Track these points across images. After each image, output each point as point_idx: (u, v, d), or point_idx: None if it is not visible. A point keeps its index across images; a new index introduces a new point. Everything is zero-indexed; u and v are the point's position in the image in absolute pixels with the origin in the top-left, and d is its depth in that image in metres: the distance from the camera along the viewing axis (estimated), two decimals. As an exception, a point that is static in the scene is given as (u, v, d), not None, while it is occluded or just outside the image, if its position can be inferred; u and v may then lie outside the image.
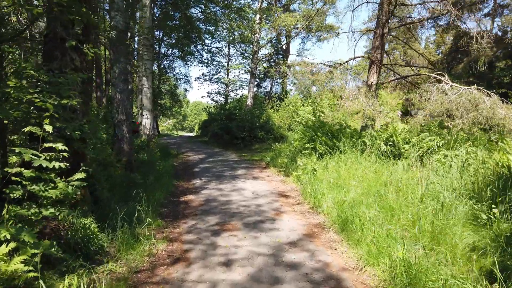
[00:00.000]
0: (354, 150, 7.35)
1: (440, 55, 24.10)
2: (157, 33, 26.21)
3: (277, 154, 10.22)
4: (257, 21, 18.74)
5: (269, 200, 6.13)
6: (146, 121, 12.40)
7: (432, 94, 6.93)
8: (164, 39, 26.32)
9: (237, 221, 4.98)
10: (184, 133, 57.37)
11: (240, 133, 15.66)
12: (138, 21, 12.25)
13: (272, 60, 24.31)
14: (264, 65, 25.70)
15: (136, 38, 13.56)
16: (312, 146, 7.97)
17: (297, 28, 22.28)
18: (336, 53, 72.31)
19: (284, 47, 24.86)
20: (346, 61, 8.80)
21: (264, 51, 23.31)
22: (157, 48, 26.34)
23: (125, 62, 7.53)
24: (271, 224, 4.81)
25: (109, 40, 7.47)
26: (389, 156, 7.01)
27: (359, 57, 9.38)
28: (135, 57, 15.27)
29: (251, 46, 20.77)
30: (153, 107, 27.53)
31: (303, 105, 18.17)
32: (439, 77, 7.38)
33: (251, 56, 20.48)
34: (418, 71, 10.66)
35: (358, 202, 4.91)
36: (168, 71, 27.06)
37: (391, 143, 7.05)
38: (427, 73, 7.49)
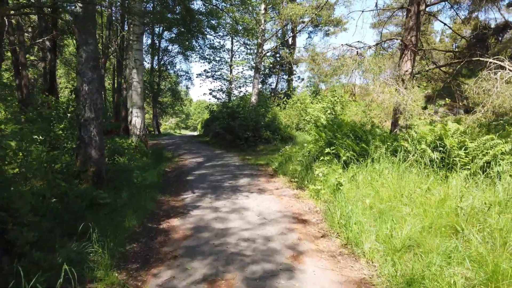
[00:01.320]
0: (390, 158, 5.52)
1: (456, 49, 22.04)
2: (156, 28, 24.53)
3: (287, 159, 8.41)
4: (262, 11, 16.92)
5: (282, 229, 4.33)
6: (136, 120, 10.66)
7: (496, 84, 5.10)
8: (164, 33, 24.62)
9: (236, 271, 3.18)
10: (188, 132, 55.74)
11: (243, 132, 13.88)
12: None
13: (278, 55, 22.46)
14: (269, 60, 23.88)
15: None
16: (333, 151, 6.15)
17: (305, 19, 20.47)
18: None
19: (290, 40, 22.99)
20: (378, 43, 6.85)
21: (268, 46, 21.47)
22: (157, 44, 24.66)
23: (94, 44, 5.77)
24: (288, 280, 3.01)
25: (73, 15, 5.71)
26: (437, 166, 5.17)
27: (392, 39, 7.51)
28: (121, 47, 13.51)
29: (256, 40, 18.99)
30: (153, 104, 25.74)
31: (311, 102, 16.34)
32: (499, 63, 5.53)
33: (255, 50, 18.67)
34: (460, 58, 8.65)
35: (422, 245, 3.10)
36: (169, 67, 25.31)
37: (441, 148, 5.22)
38: (481, 58, 5.66)
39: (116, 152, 6.74)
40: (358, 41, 6.34)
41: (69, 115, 5.83)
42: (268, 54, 20.68)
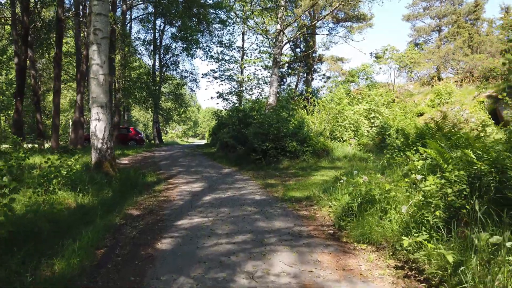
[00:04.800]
0: None
1: None
2: (158, 22, 20.57)
3: (362, 203, 3.96)
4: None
5: None
6: (96, 124, 6.37)
7: None
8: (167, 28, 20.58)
9: None
10: (196, 140, 51.69)
11: (260, 143, 9.55)
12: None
13: (298, 49, 18.15)
14: (286, 59, 19.61)
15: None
16: None
17: (325, 12, 16.31)
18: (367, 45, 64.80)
19: (311, 30, 18.71)
20: None
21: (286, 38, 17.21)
22: (158, 41, 20.64)
23: None
24: None
25: None
26: None
27: None
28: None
29: (274, 27, 14.78)
30: (154, 109, 21.38)
31: (349, 103, 11.94)
32: None
33: (273, 40, 14.39)
34: None
35: None
36: (171, 67, 21.19)
37: None
38: None
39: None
40: None
41: None
42: (288, 46, 16.40)
